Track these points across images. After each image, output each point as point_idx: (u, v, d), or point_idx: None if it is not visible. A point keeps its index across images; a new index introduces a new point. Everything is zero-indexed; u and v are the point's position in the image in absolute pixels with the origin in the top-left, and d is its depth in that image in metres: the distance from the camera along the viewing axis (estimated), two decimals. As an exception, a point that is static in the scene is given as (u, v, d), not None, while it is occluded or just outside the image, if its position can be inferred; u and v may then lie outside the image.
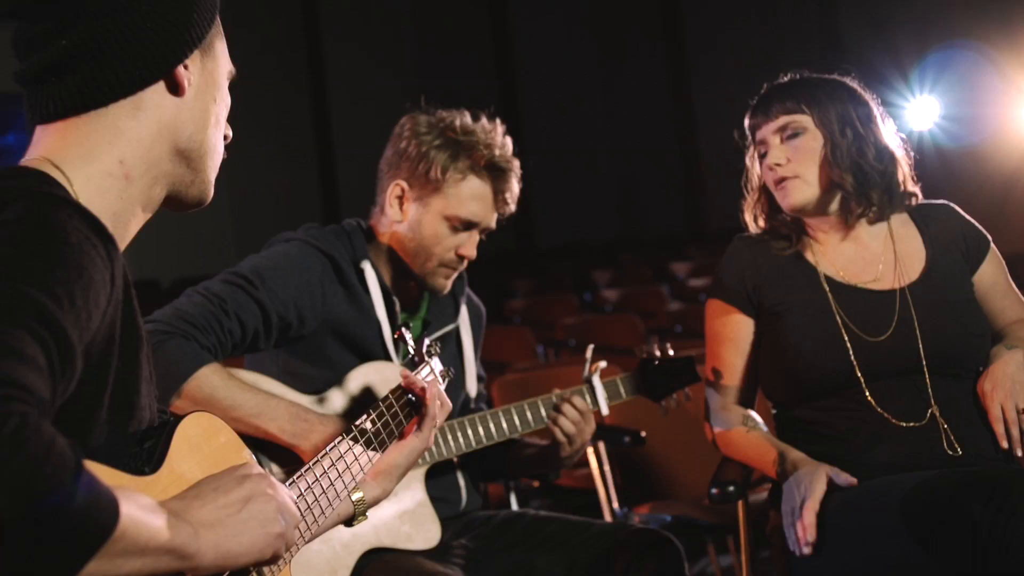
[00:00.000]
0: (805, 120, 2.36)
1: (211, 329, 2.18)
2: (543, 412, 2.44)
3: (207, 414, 1.37)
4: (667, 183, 15.11)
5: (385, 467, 1.80)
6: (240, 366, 2.32)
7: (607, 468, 3.41)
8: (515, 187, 2.46)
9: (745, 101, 2.49)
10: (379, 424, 1.76)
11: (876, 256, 2.42)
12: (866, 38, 12.28)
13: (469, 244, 2.43)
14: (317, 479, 1.63)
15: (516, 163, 2.45)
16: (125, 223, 1.34)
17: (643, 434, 3.18)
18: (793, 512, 2.16)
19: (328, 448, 1.67)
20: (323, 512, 1.62)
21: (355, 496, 1.74)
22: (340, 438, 1.70)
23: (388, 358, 2.38)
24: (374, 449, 1.74)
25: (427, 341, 2.08)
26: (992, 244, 2.46)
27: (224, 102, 1.43)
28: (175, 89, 1.34)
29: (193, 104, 1.37)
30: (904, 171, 2.41)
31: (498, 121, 2.46)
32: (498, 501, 3.05)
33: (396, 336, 2.36)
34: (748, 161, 2.51)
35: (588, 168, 15.08)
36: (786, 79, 2.46)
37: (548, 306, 8.39)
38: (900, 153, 2.40)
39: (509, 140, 2.46)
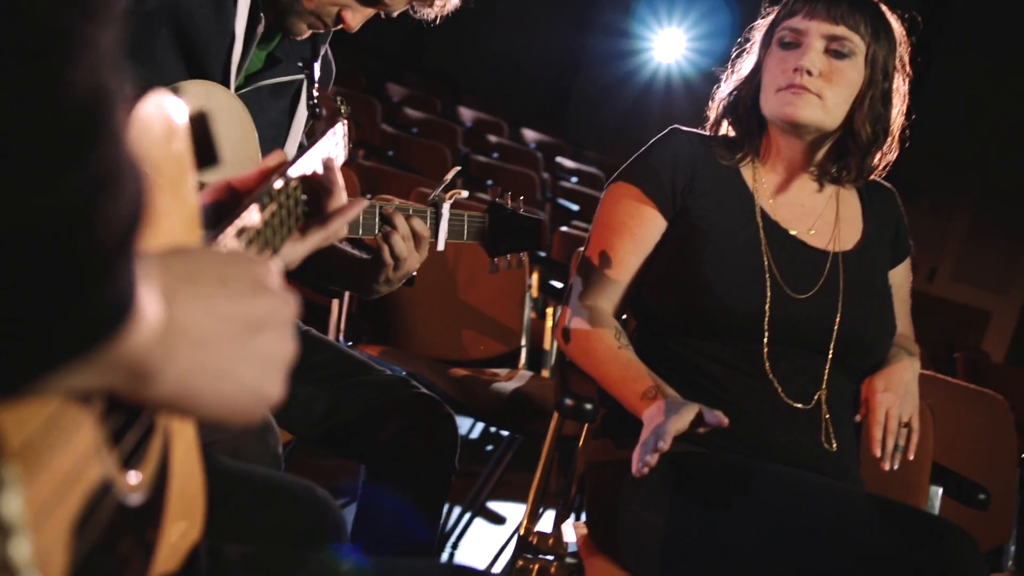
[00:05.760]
0: (860, 46, 1.99)
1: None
2: (376, 221, 1.92)
3: (173, 97, 0.75)
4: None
5: None
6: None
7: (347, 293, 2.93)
8: None
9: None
10: (281, 213, 1.17)
11: (816, 209, 2.10)
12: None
13: (356, 13, 1.84)
14: None
15: None
16: None
17: (414, 273, 2.73)
18: (654, 435, 1.69)
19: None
20: None
21: None
22: (224, 235, 1.06)
23: (226, 82, 1.77)
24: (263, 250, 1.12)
25: (338, 99, 1.54)
26: (911, 254, 2.23)
27: None
28: None
29: None
30: (888, 143, 2.08)
31: None
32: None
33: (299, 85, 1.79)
34: (759, 33, 2.09)
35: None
36: None
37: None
38: (897, 124, 2.08)
39: None
